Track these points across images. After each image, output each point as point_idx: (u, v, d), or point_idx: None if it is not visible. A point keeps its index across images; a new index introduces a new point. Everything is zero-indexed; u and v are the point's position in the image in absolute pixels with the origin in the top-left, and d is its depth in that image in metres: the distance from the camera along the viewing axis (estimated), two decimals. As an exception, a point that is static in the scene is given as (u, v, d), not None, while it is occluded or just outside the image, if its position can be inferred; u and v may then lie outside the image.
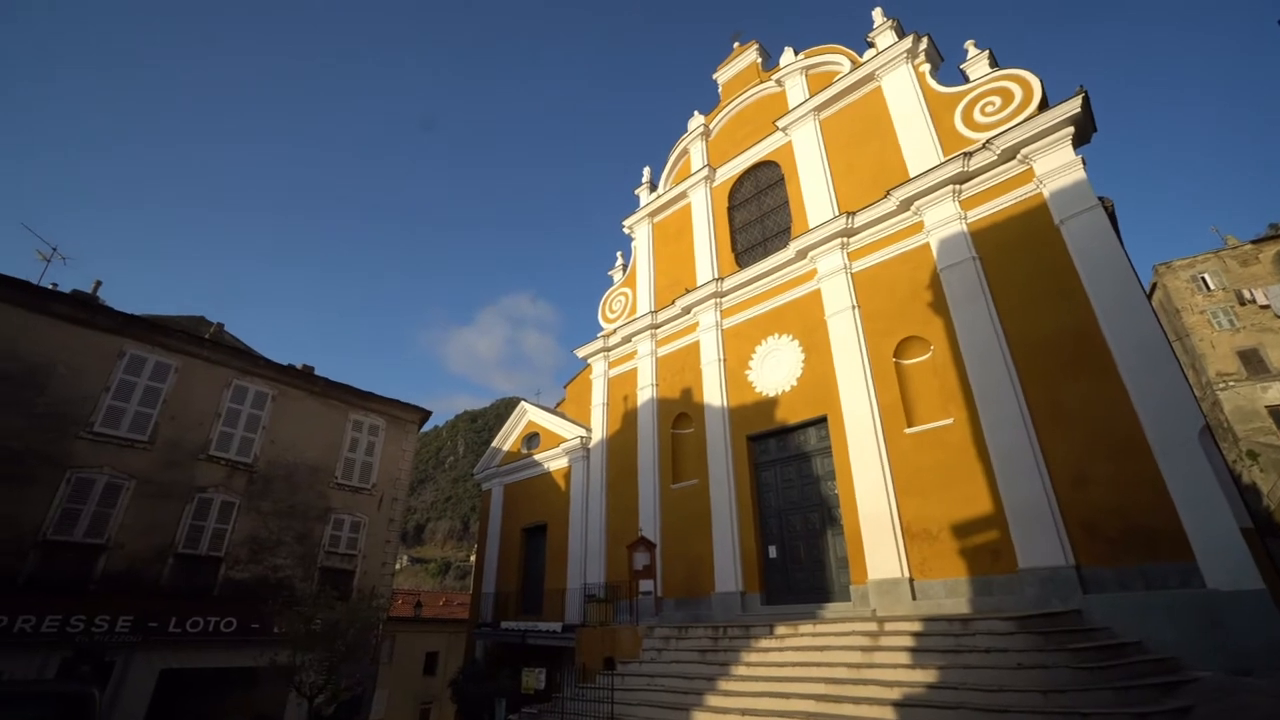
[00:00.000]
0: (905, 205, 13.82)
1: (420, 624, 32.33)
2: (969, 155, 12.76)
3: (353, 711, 14.30)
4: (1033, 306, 11.39)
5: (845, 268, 14.76)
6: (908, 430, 12.52)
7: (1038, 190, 11.93)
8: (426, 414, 19.46)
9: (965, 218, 12.86)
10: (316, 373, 17.52)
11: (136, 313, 14.52)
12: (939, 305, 12.79)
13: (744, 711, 9.26)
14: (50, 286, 14.38)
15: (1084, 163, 11.43)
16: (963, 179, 12.99)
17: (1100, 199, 11.10)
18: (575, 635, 15.34)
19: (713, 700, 10.02)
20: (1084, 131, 11.91)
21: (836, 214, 15.29)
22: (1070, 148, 11.65)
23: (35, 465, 11.98)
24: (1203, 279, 32.30)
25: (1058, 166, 11.64)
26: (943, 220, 13.12)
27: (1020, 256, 11.86)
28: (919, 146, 14.27)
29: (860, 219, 14.59)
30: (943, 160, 13.37)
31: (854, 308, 14.24)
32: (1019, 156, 12.24)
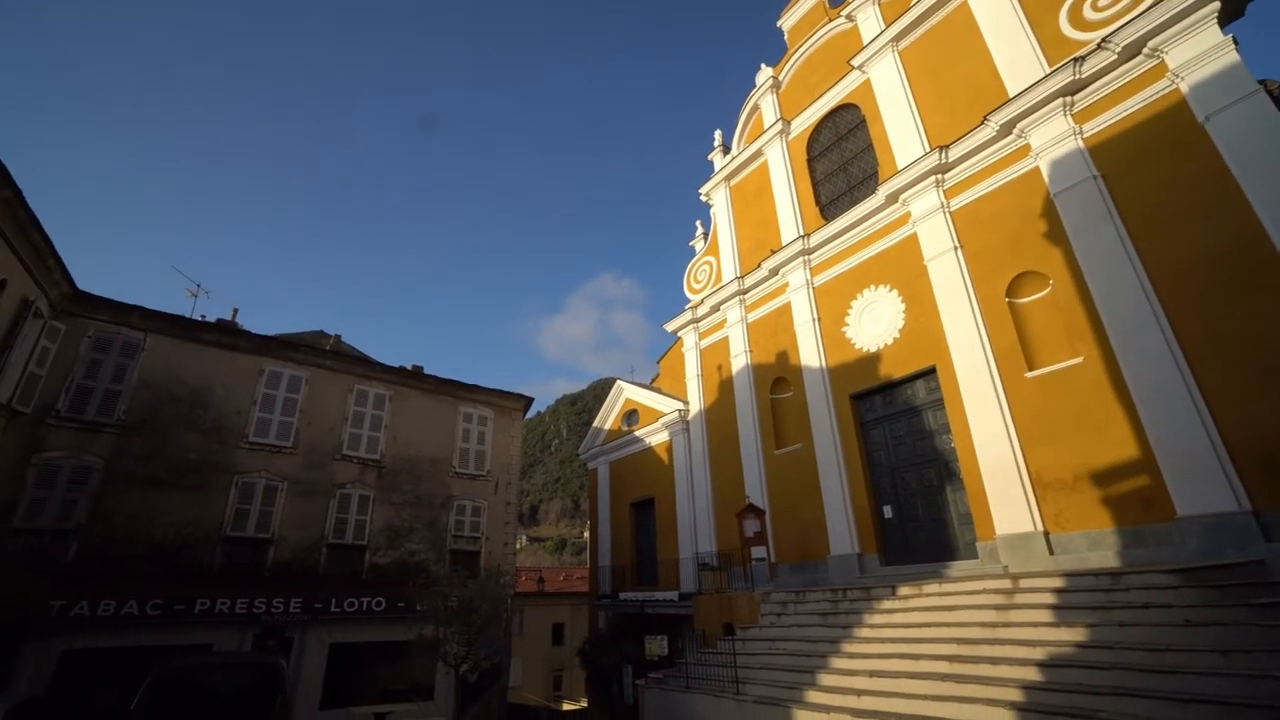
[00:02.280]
0: (1006, 129, 12.54)
1: (544, 598, 34.39)
2: (1080, 60, 11.30)
3: (493, 679, 15.49)
4: (1174, 223, 9.99)
5: (942, 206, 13.68)
6: (1029, 374, 11.53)
7: (1173, 86, 10.37)
8: (529, 401, 20.35)
9: (1080, 133, 11.46)
10: (426, 371, 18.77)
11: (267, 333, 16.20)
12: (1056, 235, 11.56)
13: (872, 673, 9.09)
14: (200, 318, 16.32)
15: (1236, 43, 9.77)
16: (1074, 88, 11.55)
17: (1261, 83, 9.46)
18: (692, 603, 15.66)
19: (838, 662, 9.92)
20: (1234, 5, 10.16)
21: (927, 150, 14.16)
22: (1216, 28, 9.98)
23: (210, 474, 13.80)
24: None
25: (1200, 53, 10.01)
26: (1053, 139, 11.78)
27: (1154, 167, 10.41)
28: (1018, 61, 12.83)
29: (955, 151, 13.42)
30: (1048, 71, 11.94)
31: (956, 248, 13.20)
32: (1146, 50, 10.68)
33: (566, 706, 30.93)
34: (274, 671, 8.04)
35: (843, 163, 17.44)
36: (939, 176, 13.83)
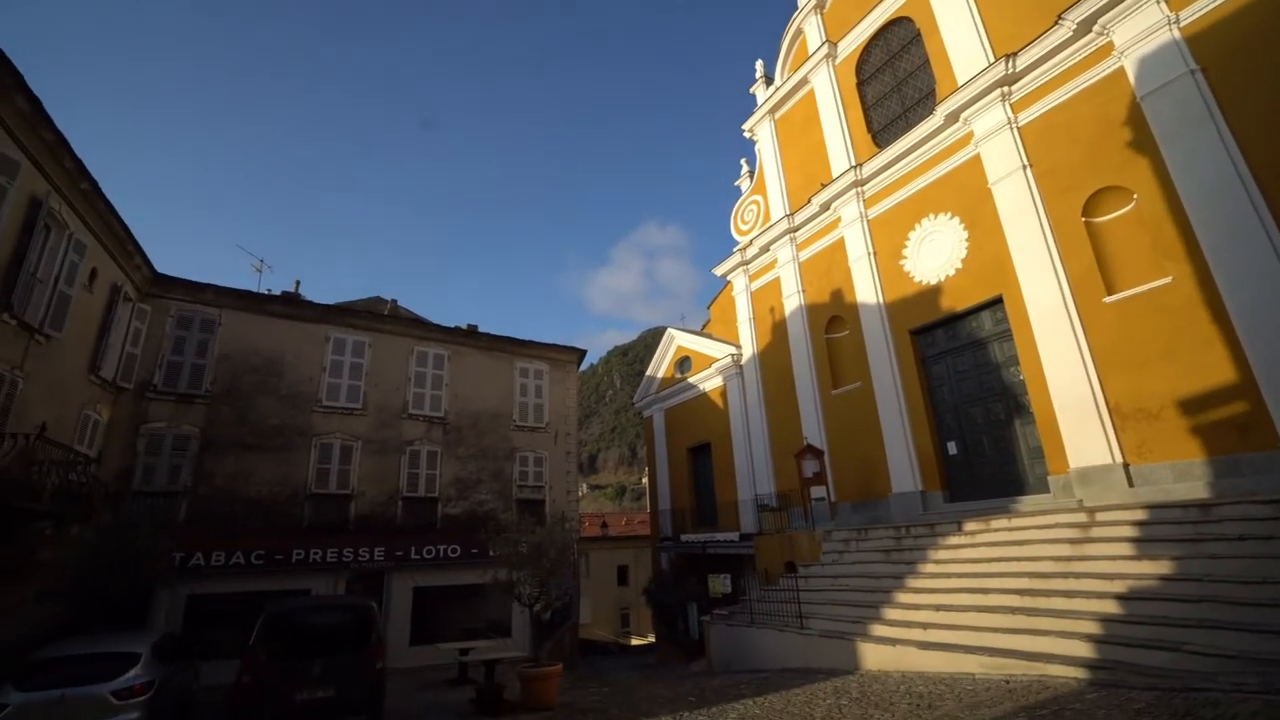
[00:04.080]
0: (1085, 27, 11.29)
1: (608, 542, 35.81)
2: (1177, -64, 9.94)
3: (565, 617, 16.37)
4: (1288, 117, 8.87)
5: (1009, 122, 12.62)
6: (1108, 299, 10.76)
7: (1289, -44, 9.02)
8: (582, 353, 20.63)
9: (1176, 21, 10.18)
10: (480, 330, 19.22)
11: (329, 302, 16.86)
12: (1142, 143, 10.51)
13: (938, 607, 9.10)
14: (266, 291, 17.13)
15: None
16: (1170, -30, 10.21)
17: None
18: (753, 543, 15.94)
19: (902, 597, 9.97)
20: None
21: (992, 60, 12.98)
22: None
23: (292, 436, 14.78)
24: None
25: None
26: (1142, 33, 10.53)
27: (1269, 52, 9.19)
28: (1100, -56, 11.41)
29: (1023, 59, 12.25)
30: (1137, -46, 10.57)
31: (1025, 167, 12.24)
32: (1256, -82, 9.28)
33: (634, 641, 32.57)
34: (367, 612, 8.77)
35: (896, 84, 16.24)
36: (1005, 89, 12.71)
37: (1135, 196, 10.64)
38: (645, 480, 29.57)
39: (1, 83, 8.18)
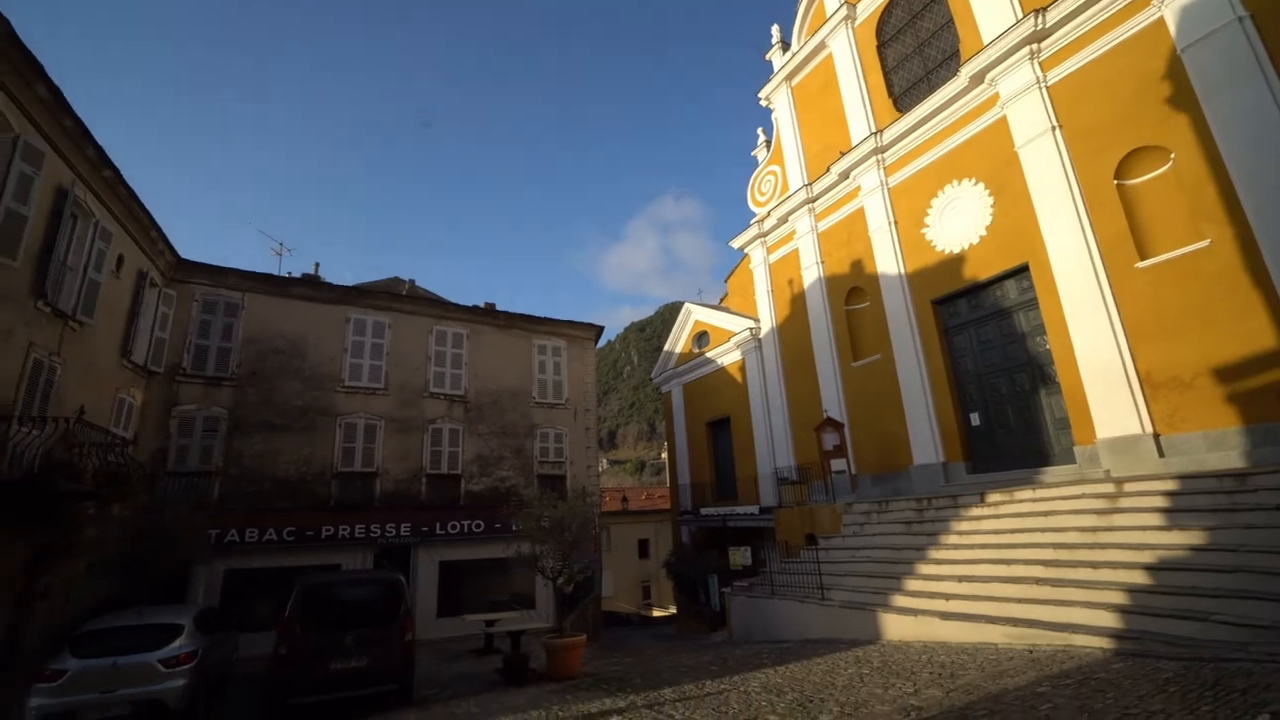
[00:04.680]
0: (1122, -24, 10.73)
1: (629, 516, 36.25)
2: (1223, -126, 9.33)
3: (587, 590, 16.69)
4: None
5: (1038, 81, 12.12)
6: (1140, 264, 10.41)
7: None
8: (599, 329, 20.62)
9: (1221, -34, 9.62)
10: (498, 308, 19.28)
11: (348, 283, 17.01)
12: (1181, 99, 10.03)
13: (960, 578, 9.09)
14: (287, 274, 17.33)
15: None
16: (1213, -89, 9.61)
17: None
18: (773, 516, 16.01)
19: (924, 569, 9.97)
20: None
21: (1020, 16, 12.43)
22: None
23: (316, 417, 15.07)
24: None
25: None
26: (1183, -19, 9.98)
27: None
28: (1139, -115, 10.76)
29: (1053, 14, 11.70)
30: (1179, -105, 9.96)
31: (1054, 129, 11.78)
32: None
33: (656, 613, 33.15)
34: (396, 585, 9.05)
35: (918, 45, 15.66)
36: (1034, 46, 12.19)
37: (1173, 156, 10.20)
38: (665, 455, 29.80)
39: (23, 71, 8.26)
